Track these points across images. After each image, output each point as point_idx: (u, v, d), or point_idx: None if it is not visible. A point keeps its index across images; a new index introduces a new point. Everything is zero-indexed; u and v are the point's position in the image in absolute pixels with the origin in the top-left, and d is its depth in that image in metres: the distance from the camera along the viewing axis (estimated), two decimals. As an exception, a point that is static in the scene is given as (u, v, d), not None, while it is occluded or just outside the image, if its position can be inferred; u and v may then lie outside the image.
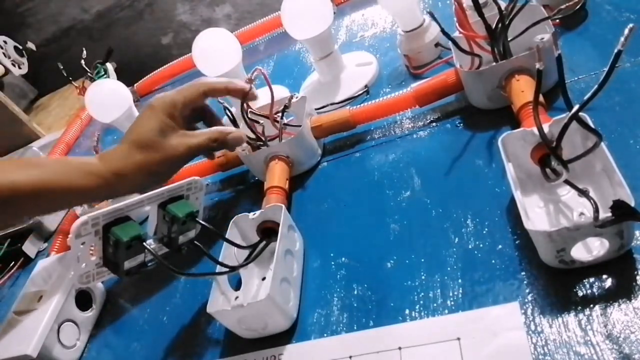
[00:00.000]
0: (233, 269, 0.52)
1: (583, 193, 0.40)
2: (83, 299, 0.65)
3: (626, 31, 0.36)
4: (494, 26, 0.53)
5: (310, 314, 0.50)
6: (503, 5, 0.53)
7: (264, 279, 0.55)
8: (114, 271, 0.47)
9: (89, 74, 1.11)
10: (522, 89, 0.51)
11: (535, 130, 0.43)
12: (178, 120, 0.53)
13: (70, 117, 1.28)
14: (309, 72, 0.85)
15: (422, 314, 0.44)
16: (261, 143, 0.65)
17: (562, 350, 0.36)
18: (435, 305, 0.44)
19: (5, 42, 1.44)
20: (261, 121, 0.65)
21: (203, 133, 0.55)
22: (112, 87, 0.87)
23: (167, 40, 1.43)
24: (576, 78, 0.55)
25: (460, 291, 0.44)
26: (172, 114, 0.53)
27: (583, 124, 0.41)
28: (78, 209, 0.86)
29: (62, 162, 0.51)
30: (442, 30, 0.57)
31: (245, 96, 0.59)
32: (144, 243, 0.47)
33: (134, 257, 0.47)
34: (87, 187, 0.50)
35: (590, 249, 0.39)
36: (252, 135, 0.65)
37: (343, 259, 0.53)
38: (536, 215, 0.44)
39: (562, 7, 0.55)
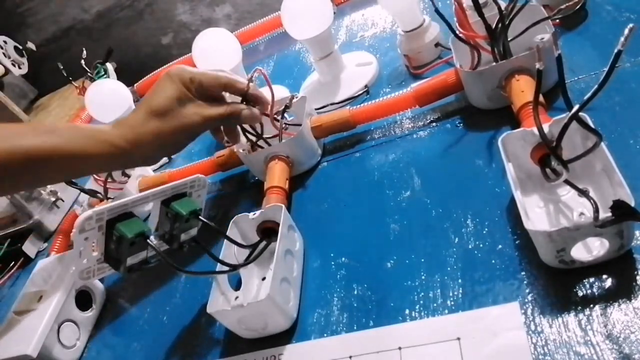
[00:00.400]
0: (234, 268, 0.52)
1: (583, 193, 0.40)
2: (83, 299, 0.65)
3: (626, 31, 0.36)
4: (494, 26, 0.53)
5: (310, 314, 0.50)
6: (503, 5, 0.53)
7: (264, 279, 0.55)
8: (115, 267, 0.47)
9: (89, 74, 1.11)
10: (522, 89, 0.51)
11: (535, 130, 0.43)
12: (193, 94, 0.53)
13: (70, 117, 1.28)
14: (309, 72, 0.85)
15: (422, 314, 0.44)
16: (256, 135, 0.65)
17: (562, 350, 0.36)
18: (435, 305, 0.44)
19: (5, 42, 1.44)
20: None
21: (220, 105, 0.55)
22: (112, 87, 0.87)
23: (167, 40, 1.43)
24: (576, 78, 0.55)
25: (460, 291, 0.44)
26: (188, 87, 0.52)
27: (583, 124, 0.41)
28: (78, 209, 0.86)
29: (76, 129, 0.51)
30: (448, 25, 0.56)
31: (264, 106, 0.59)
32: (148, 240, 0.47)
33: (136, 253, 0.47)
34: (102, 155, 0.49)
35: (590, 249, 0.39)
36: (253, 133, 0.65)
37: (343, 259, 0.53)
38: (536, 215, 0.44)
39: (562, 7, 0.55)
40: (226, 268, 0.51)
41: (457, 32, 0.57)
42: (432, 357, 0.40)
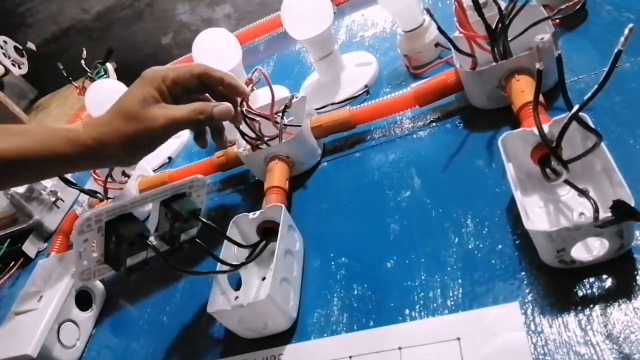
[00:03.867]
0: (234, 267, 0.52)
1: (583, 193, 0.41)
2: (83, 299, 0.65)
3: (626, 31, 0.36)
4: (494, 26, 0.53)
5: (310, 314, 0.50)
6: (503, 5, 0.53)
7: (264, 279, 0.55)
8: (115, 268, 0.47)
9: (89, 74, 1.11)
10: (522, 89, 0.51)
11: (535, 130, 0.43)
12: (164, 95, 0.52)
13: (70, 117, 1.28)
14: (309, 72, 0.85)
15: (422, 314, 0.44)
16: (259, 142, 0.65)
17: (562, 350, 0.36)
18: (435, 305, 0.44)
19: (5, 42, 1.44)
20: (257, 119, 0.64)
21: (186, 106, 0.52)
22: (112, 87, 0.87)
23: (167, 40, 1.43)
24: (576, 78, 0.55)
25: (460, 291, 0.44)
26: (160, 88, 0.51)
27: (583, 124, 0.41)
28: (78, 209, 0.86)
29: (45, 129, 0.50)
30: (439, 28, 0.57)
31: (241, 97, 0.57)
32: (147, 240, 0.47)
33: (136, 254, 0.47)
34: (70, 155, 0.49)
35: (590, 249, 0.39)
36: (252, 134, 0.65)
37: (343, 259, 0.53)
38: (536, 215, 0.44)
39: (562, 7, 0.55)
40: (226, 268, 0.51)
41: (457, 33, 0.57)
42: (432, 357, 0.40)
